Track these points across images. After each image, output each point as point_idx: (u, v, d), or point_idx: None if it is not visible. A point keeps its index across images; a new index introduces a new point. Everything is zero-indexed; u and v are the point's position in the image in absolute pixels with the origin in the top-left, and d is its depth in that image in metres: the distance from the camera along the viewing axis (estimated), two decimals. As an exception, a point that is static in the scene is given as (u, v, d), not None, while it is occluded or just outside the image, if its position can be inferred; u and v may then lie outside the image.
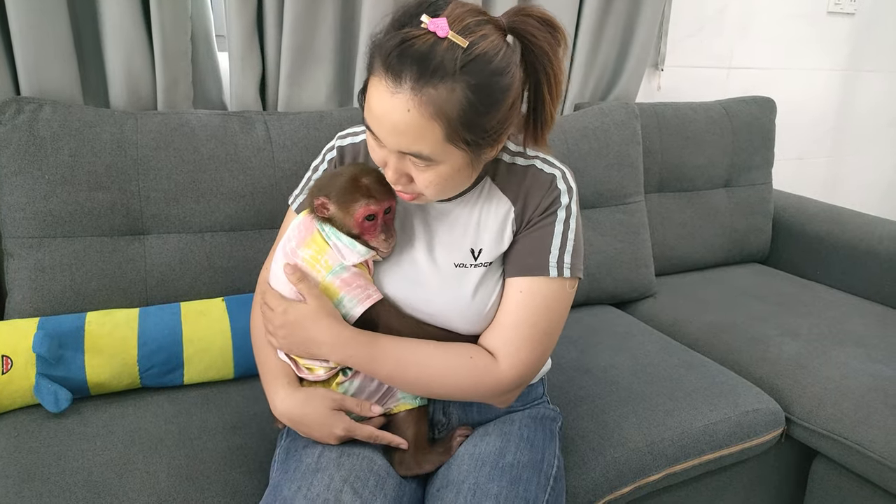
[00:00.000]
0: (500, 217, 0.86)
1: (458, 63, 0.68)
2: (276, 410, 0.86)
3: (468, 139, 0.72)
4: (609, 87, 1.86)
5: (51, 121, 1.14)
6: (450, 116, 0.69)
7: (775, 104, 1.97)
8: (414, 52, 0.68)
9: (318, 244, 0.84)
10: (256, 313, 0.96)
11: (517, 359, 0.83)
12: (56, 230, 1.14)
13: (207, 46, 1.40)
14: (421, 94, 0.68)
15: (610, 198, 1.62)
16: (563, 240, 0.84)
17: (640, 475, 1.09)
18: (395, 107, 0.70)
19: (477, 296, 0.85)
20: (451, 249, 0.86)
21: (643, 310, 1.65)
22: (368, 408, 0.85)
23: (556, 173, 0.87)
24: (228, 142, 1.26)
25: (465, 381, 0.83)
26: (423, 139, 0.71)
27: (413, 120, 0.70)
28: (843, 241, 1.81)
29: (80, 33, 1.27)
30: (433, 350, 0.83)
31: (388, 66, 0.69)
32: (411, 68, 0.68)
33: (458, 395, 0.86)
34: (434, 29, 0.68)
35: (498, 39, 0.72)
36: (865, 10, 2.34)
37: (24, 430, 0.99)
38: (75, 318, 1.09)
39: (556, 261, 0.84)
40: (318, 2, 1.38)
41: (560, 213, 0.85)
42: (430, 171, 0.75)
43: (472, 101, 0.70)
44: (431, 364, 0.83)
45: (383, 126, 0.72)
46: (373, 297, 0.83)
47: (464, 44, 0.68)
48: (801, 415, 1.27)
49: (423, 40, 0.68)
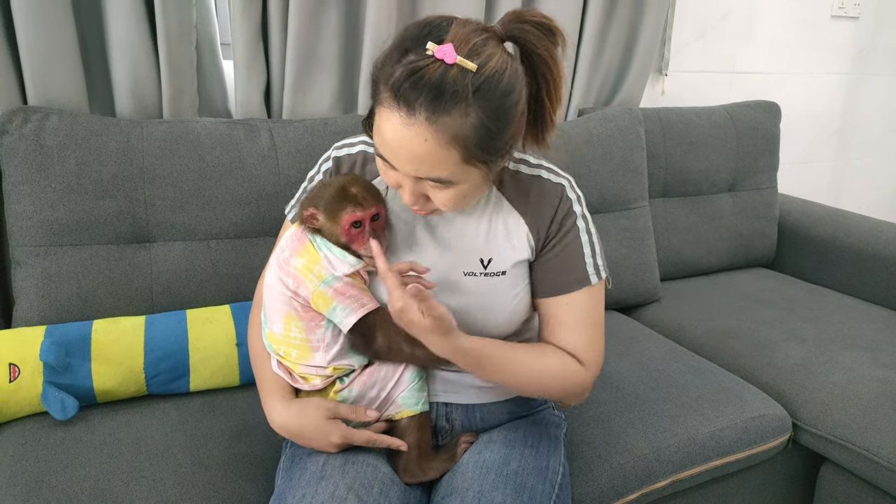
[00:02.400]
0: (509, 228, 0.87)
1: (470, 88, 0.67)
2: (273, 424, 0.87)
3: (485, 158, 0.73)
4: (613, 93, 1.86)
5: (57, 130, 1.15)
6: (466, 141, 0.69)
7: (780, 108, 1.96)
8: (425, 82, 0.67)
9: (310, 254, 0.85)
10: (255, 326, 0.96)
11: (590, 356, 0.88)
12: (63, 238, 1.15)
13: (212, 55, 1.41)
14: (436, 123, 0.68)
15: (614, 203, 1.62)
16: (591, 247, 0.88)
17: (646, 482, 1.09)
18: (412, 138, 0.69)
19: (487, 305, 0.86)
20: (459, 258, 0.87)
21: (648, 315, 1.65)
22: (364, 413, 0.85)
23: (563, 183, 0.88)
24: (233, 149, 1.27)
25: (558, 380, 0.87)
26: (441, 165, 0.71)
27: (430, 148, 0.69)
28: (848, 245, 1.80)
29: (87, 43, 1.28)
30: (529, 354, 0.86)
31: (399, 98, 0.68)
32: (425, 99, 0.67)
33: (550, 394, 0.91)
34: (442, 56, 0.67)
35: (503, 55, 0.71)
36: (869, 13, 2.33)
37: (32, 438, 1.00)
38: (82, 326, 1.10)
39: (594, 268, 0.88)
40: (322, 9, 1.39)
41: (580, 223, 0.88)
42: (449, 190, 0.75)
43: (486, 123, 0.70)
44: (531, 368, 0.86)
45: (400, 156, 0.72)
46: (367, 307, 0.83)
47: (473, 68, 0.68)
48: (808, 420, 1.26)
49: (432, 69, 0.67)
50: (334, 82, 1.47)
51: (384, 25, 1.42)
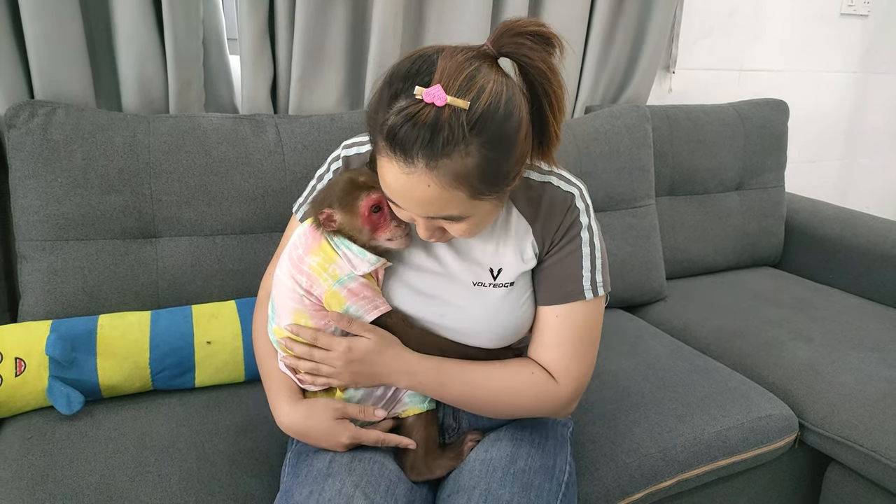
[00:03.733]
0: (519, 236, 0.86)
1: (465, 127, 0.65)
2: (280, 424, 0.86)
3: (493, 190, 0.71)
4: (620, 90, 1.85)
5: (64, 124, 1.15)
6: (470, 179, 0.68)
7: (788, 107, 1.95)
8: (418, 129, 0.65)
9: (326, 252, 0.83)
10: (260, 322, 0.96)
11: (569, 376, 0.85)
12: (69, 233, 1.15)
13: (219, 50, 1.41)
14: (437, 168, 0.67)
15: (621, 201, 1.61)
16: (591, 261, 0.85)
17: (652, 481, 1.08)
18: (414, 185, 0.68)
19: (496, 315, 0.85)
20: (470, 267, 0.86)
21: (654, 314, 1.64)
22: (372, 412, 0.85)
23: (573, 191, 0.85)
24: (240, 145, 1.26)
25: (529, 398, 0.85)
26: (449, 205, 0.70)
27: (435, 192, 0.68)
28: (856, 245, 1.79)
29: (94, 37, 1.27)
30: (497, 370, 0.85)
31: (395, 147, 0.67)
32: (421, 146, 0.65)
33: (522, 412, 0.88)
34: (431, 100, 0.65)
35: (497, 80, 0.68)
36: (879, 11, 2.32)
37: (37, 433, 1.00)
38: (88, 321, 1.10)
39: (590, 283, 0.85)
40: (329, 5, 1.38)
41: (584, 234, 0.85)
42: (463, 223, 0.75)
43: (488, 156, 0.68)
44: (497, 385, 0.84)
45: (407, 200, 0.72)
46: (380, 308, 0.83)
47: (465, 105, 0.65)
48: (815, 421, 1.26)
49: (423, 115, 0.65)
50: (341, 78, 1.46)
51: (391, 21, 1.42)
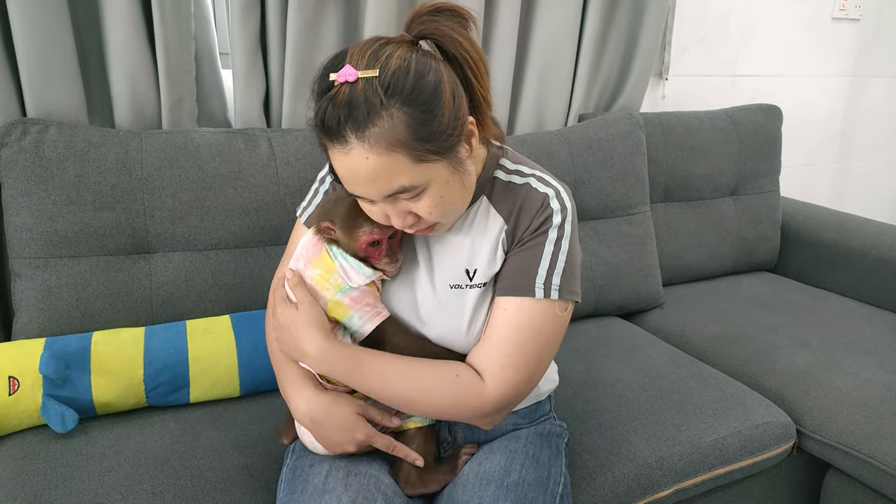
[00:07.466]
0: (493, 236, 0.85)
1: (380, 92, 0.69)
2: (298, 411, 0.85)
3: (433, 149, 0.72)
4: (613, 98, 1.86)
5: (56, 142, 1.15)
6: (403, 140, 0.70)
7: (781, 111, 1.96)
8: (338, 108, 0.69)
9: (326, 263, 0.85)
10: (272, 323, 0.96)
11: (501, 379, 0.81)
12: (62, 250, 1.15)
13: (211, 65, 1.41)
14: (368, 139, 0.69)
15: (615, 209, 1.61)
16: (552, 261, 0.82)
17: (650, 491, 1.08)
18: (355, 162, 0.71)
19: (472, 317, 0.85)
20: (448, 270, 0.86)
21: (651, 321, 1.64)
22: (390, 418, 0.86)
23: (549, 192, 0.84)
24: (233, 159, 1.26)
25: (448, 400, 0.82)
26: (395, 174, 0.71)
27: (375, 163, 0.70)
28: (852, 249, 1.79)
29: (85, 54, 1.28)
30: (419, 368, 0.83)
31: (328, 134, 0.71)
32: (345, 122, 0.69)
33: (440, 413, 0.85)
34: (343, 79, 0.69)
35: (404, 51, 0.72)
36: (871, 15, 2.33)
37: (31, 451, 1.00)
38: (81, 338, 1.10)
39: (544, 282, 0.82)
40: (321, 18, 1.39)
41: (551, 233, 0.83)
42: (424, 196, 0.75)
43: (412, 114, 0.70)
44: (415, 382, 0.82)
45: (357, 182, 0.73)
46: (382, 315, 0.84)
47: (375, 73, 0.69)
48: (813, 427, 1.25)
49: (340, 94, 0.69)
50: (333, 91, 1.46)
51: (383, 34, 1.42)
